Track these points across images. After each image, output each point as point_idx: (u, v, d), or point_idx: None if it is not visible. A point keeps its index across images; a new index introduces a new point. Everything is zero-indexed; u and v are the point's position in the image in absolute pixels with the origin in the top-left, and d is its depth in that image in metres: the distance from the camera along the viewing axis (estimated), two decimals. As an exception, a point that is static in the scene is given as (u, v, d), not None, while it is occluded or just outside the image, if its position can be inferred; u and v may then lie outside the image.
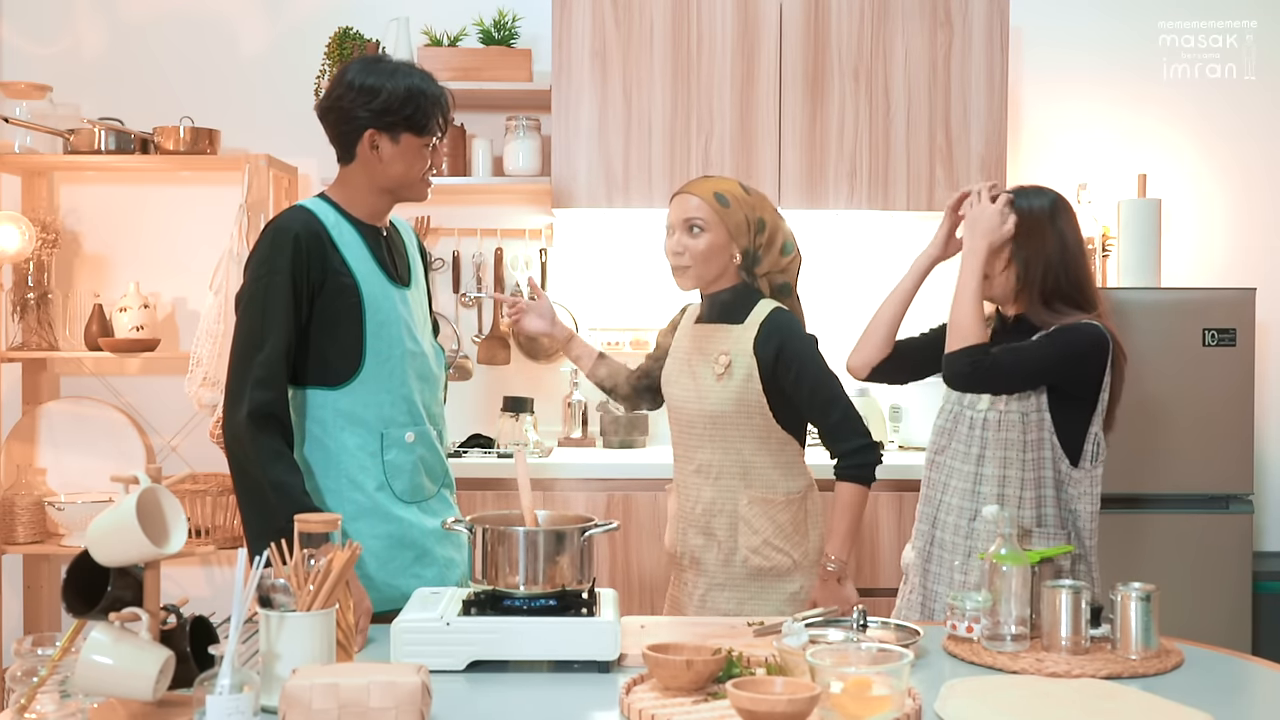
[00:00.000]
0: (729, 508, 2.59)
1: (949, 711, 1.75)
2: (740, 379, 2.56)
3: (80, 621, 1.80)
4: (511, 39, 4.14)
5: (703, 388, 2.61)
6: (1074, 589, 2.07)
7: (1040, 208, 2.58)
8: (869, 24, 3.97)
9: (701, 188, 2.61)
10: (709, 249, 2.58)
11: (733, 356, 2.57)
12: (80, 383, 4.30)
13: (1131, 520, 3.81)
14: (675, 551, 2.69)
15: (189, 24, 4.32)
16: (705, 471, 2.61)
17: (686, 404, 2.64)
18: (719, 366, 2.58)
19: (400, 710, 1.54)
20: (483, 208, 4.32)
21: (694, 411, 2.62)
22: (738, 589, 2.59)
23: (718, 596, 2.60)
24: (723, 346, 2.60)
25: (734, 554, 2.58)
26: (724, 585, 2.60)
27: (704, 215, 2.57)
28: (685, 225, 2.59)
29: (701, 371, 2.62)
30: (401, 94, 2.32)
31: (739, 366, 2.56)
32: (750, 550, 2.57)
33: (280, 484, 2.19)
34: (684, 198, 2.61)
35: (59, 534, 4.00)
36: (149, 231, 4.30)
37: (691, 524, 2.64)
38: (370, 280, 2.35)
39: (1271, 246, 4.36)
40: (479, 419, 4.26)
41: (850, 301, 4.20)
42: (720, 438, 2.59)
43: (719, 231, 2.58)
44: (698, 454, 2.63)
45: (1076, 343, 2.47)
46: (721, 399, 2.57)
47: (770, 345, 2.55)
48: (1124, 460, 3.81)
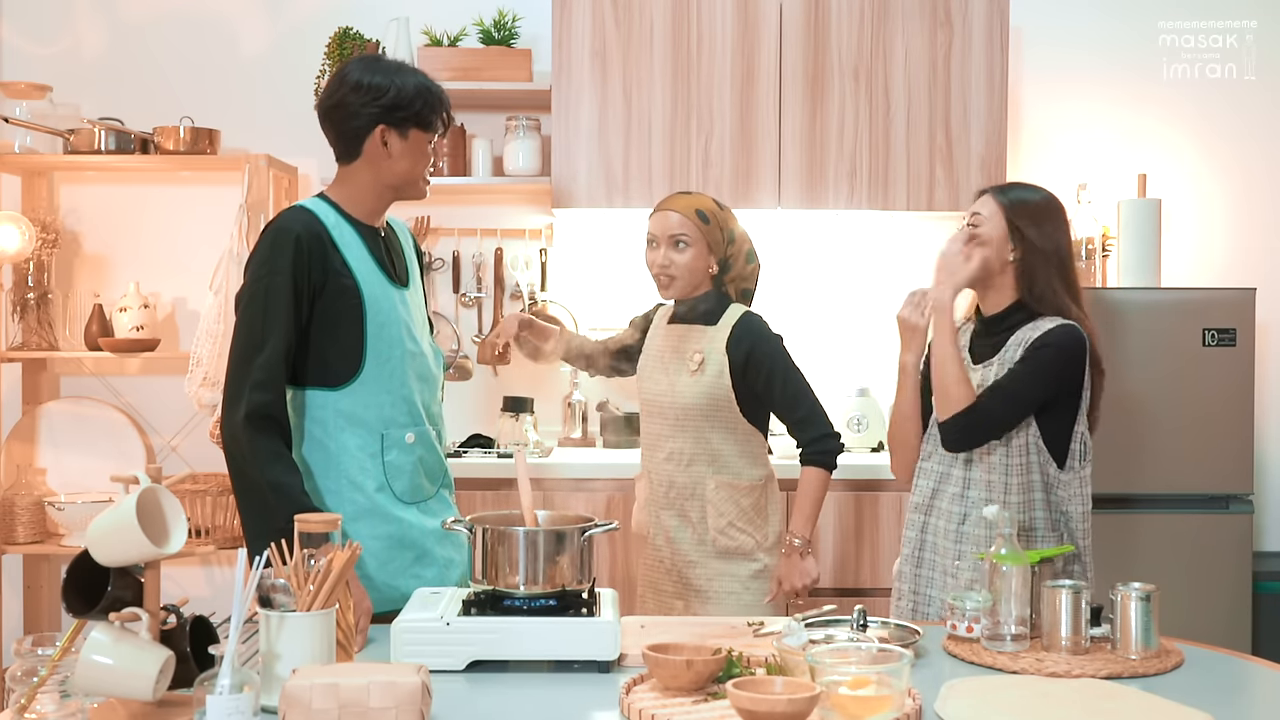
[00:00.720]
0: (699, 491, 2.81)
1: (949, 711, 1.75)
2: (712, 375, 2.78)
3: (80, 621, 1.80)
4: (511, 39, 4.14)
5: (676, 382, 2.83)
6: (1074, 589, 2.07)
7: (1038, 202, 2.58)
8: (869, 24, 3.96)
9: (682, 205, 2.83)
10: (693, 262, 2.82)
11: (706, 355, 2.80)
12: (80, 383, 4.30)
13: (1131, 520, 3.81)
14: (647, 532, 2.92)
15: (189, 24, 4.32)
16: (676, 459, 2.84)
17: (660, 396, 2.87)
18: (692, 364, 2.81)
19: (400, 710, 1.54)
20: (483, 208, 4.32)
21: (666, 404, 2.85)
22: (707, 566, 2.81)
23: (691, 572, 2.82)
24: (697, 345, 2.83)
25: (705, 534, 2.81)
26: (696, 563, 2.82)
27: (688, 231, 2.81)
28: (671, 240, 2.82)
29: (675, 368, 2.85)
30: (411, 90, 2.34)
31: (711, 364, 2.79)
32: (717, 531, 2.80)
33: (279, 484, 2.18)
34: (666, 214, 2.84)
35: (59, 534, 4.00)
36: (149, 231, 4.30)
37: (664, 506, 2.86)
38: (371, 281, 2.35)
39: (1271, 246, 4.36)
40: (479, 419, 4.26)
41: (850, 301, 4.21)
42: (691, 428, 2.81)
43: (701, 246, 2.82)
44: (668, 443, 2.85)
45: (1055, 358, 2.46)
46: (694, 393, 2.79)
47: (742, 346, 2.78)
48: (1124, 460, 3.82)
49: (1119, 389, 3.79)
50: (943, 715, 1.75)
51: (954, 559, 2.51)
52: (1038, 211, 2.57)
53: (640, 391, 2.97)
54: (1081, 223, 4.12)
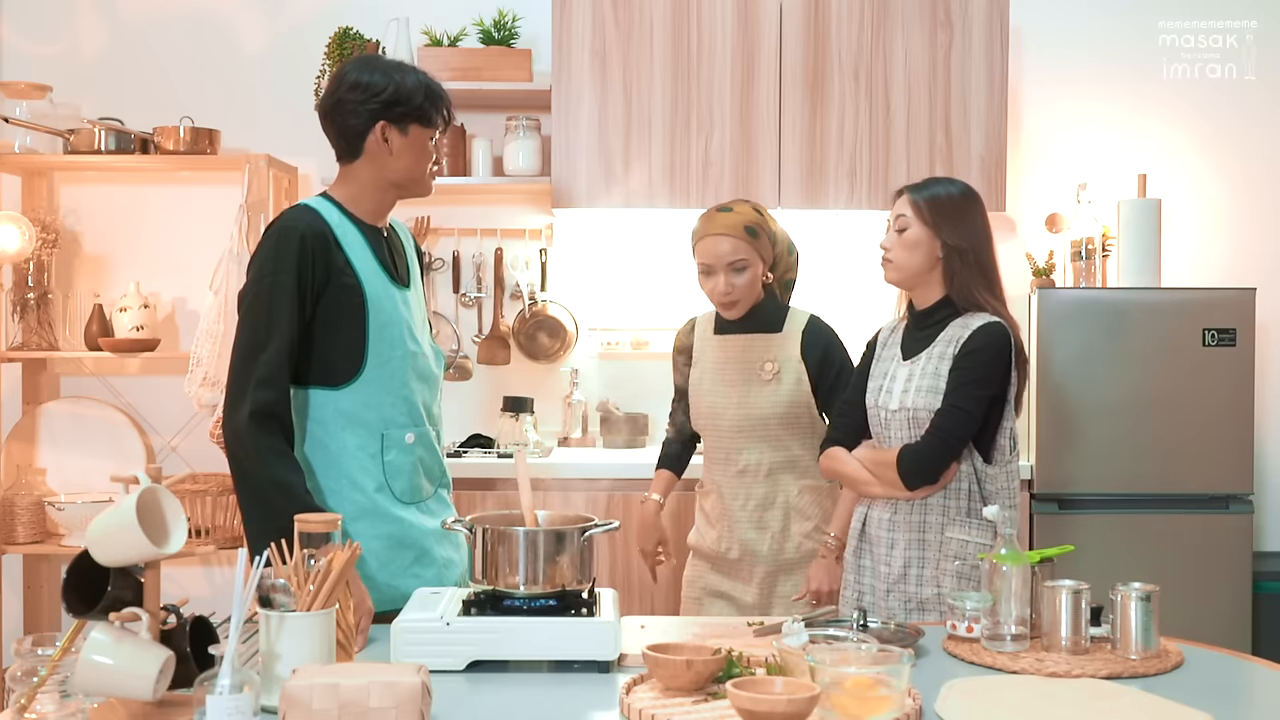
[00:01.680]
0: (780, 500, 2.85)
1: (949, 711, 1.75)
2: (790, 383, 2.83)
3: (80, 621, 1.80)
4: (511, 39, 4.14)
5: (748, 394, 2.85)
6: (1074, 589, 2.07)
7: (957, 195, 2.58)
8: (869, 24, 3.97)
9: (729, 225, 2.82)
10: (753, 280, 2.84)
11: (780, 363, 2.84)
12: (80, 383, 4.30)
13: (1131, 520, 3.81)
14: (720, 549, 2.90)
15: (189, 24, 4.32)
16: (754, 471, 2.86)
17: (726, 410, 2.87)
18: (766, 374, 2.84)
19: (400, 710, 1.54)
20: (483, 208, 4.32)
21: (738, 417, 2.86)
22: (792, 572, 2.85)
23: (777, 580, 2.86)
24: (766, 355, 2.86)
25: (786, 542, 2.85)
26: (779, 570, 2.86)
27: (744, 254, 2.81)
28: (729, 268, 2.81)
29: (744, 379, 2.86)
30: (410, 86, 2.35)
31: (788, 372, 2.83)
32: (804, 535, 2.85)
33: (282, 483, 2.19)
34: (717, 241, 2.81)
35: (59, 534, 3.99)
36: (149, 231, 4.30)
37: (741, 521, 2.87)
38: (373, 281, 2.35)
39: (1271, 246, 4.36)
40: (479, 419, 4.26)
41: (850, 301, 4.20)
42: (771, 438, 2.84)
43: (756, 262, 2.83)
44: (743, 456, 2.86)
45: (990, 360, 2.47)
46: (773, 403, 2.83)
47: (816, 351, 2.85)
48: (1124, 460, 3.82)
49: (1120, 389, 3.81)
50: (943, 715, 1.75)
51: (888, 547, 2.53)
52: (955, 209, 2.56)
53: (699, 407, 2.95)
54: (1081, 223, 4.12)
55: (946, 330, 2.53)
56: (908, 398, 2.51)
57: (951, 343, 2.50)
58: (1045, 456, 3.81)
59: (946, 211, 2.54)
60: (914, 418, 2.49)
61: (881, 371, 2.63)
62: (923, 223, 2.54)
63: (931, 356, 2.52)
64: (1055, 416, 3.81)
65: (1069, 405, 3.81)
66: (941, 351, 2.51)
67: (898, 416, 2.52)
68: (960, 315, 2.53)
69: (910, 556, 2.51)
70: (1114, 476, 3.80)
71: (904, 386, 2.53)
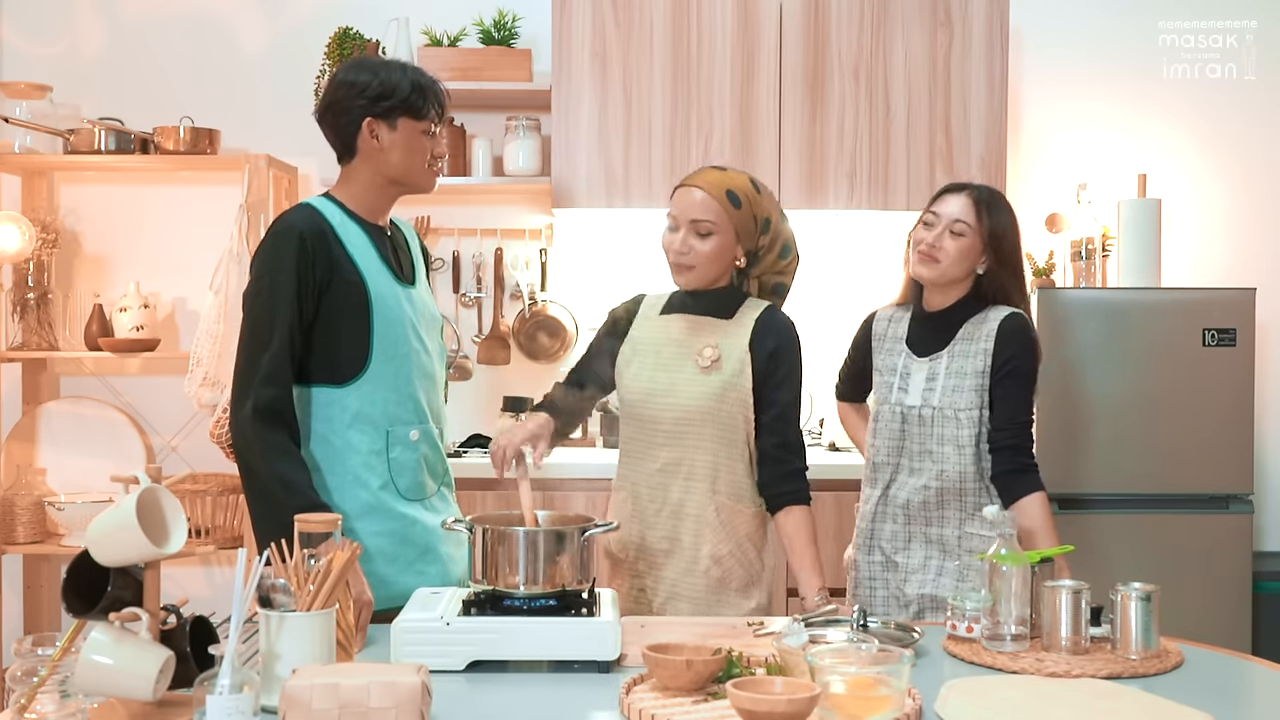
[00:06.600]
0: (694, 511, 2.43)
1: (949, 711, 1.75)
2: (730, 374, 2.41)
3: (80, 621, 1.80)
4: (511, 39, 4.14)
5: (678, 380, 2.44)
6: (1074, 589, 2.07)
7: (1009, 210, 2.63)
8: (869, 24, 3.96)
9: (710, 181, 2.41)
10: (716, 252, 2.40)
11: (723, 350, 2.42)
12: (80, 383, 4.30)
13: (1131, 520, 3.81)
14: (628, 556, 2.51)
15: (189, 24, 4.32)
16: (672, 471, 2.45)
17: (652, 397, 2.45)
18: (704, 359, 2.41)
19: (400, 710, 1.54)
20: (483, 208, 4.32)
21: (663, 405, 2.44)
22: (697, 600, 2.44)
23: (678, 606, 2.45)
24: (709, 340, 2.44)
25: (696, 563, 2.44)
26: (683, 596, 2.45)
27: (713, 216, 2.38)
28: (693, 226, 2.39)
29: (678, 363, 2.45)
30: (394, 80, 2.36)
31: (729, 361, 2.41)
32: (713, 560, 2.42)
33: (287, 480, 2.19)
34: (691, 191, 2.41)
35: (59, 534, 3.99)
36: (149, 231, 4.30)
37: (652, 527, 2.47)
38: (377, 278, 2.36)
39: (1271, 246, 4.36)
40: (479, 419, 4.26)
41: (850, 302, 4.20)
42: (693, 435, 2.42)
43: (728, 234, 2.40)
44: (662, 451, 2.45)
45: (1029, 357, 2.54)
46: (704, 394, 2.41)
47: (768, 342, 2.43)
48: (1124, 460, 3.82)
49: (1120, 389, 3.80)
50: (943, 715, 1.75)
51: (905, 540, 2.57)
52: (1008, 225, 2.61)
53: (623, 390, 2.51)
54: (1081, 223, 4.12)
55: (966, 327, 2.58)
56: (933, 396, 2.56)
57: (975, 339, 2.55)
58: (1045, 456, 3.79)
59: (1003, 231, 2.58)
60: (942, 415, 2.55)
61: (890, 366, 2.64)
62: (980, 236, 2.57)
63: (954, 354, 2.57)
64: (1055, 417, 3.81)
65: (1069, 405, 3.81)
66: (964, 349, 2.56)
67: (922, 414, 2.56)
68: (977, 312, 2.56)
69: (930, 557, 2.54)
70: (1114, 476, 3.80)
71: (926, 385, 2.56)
